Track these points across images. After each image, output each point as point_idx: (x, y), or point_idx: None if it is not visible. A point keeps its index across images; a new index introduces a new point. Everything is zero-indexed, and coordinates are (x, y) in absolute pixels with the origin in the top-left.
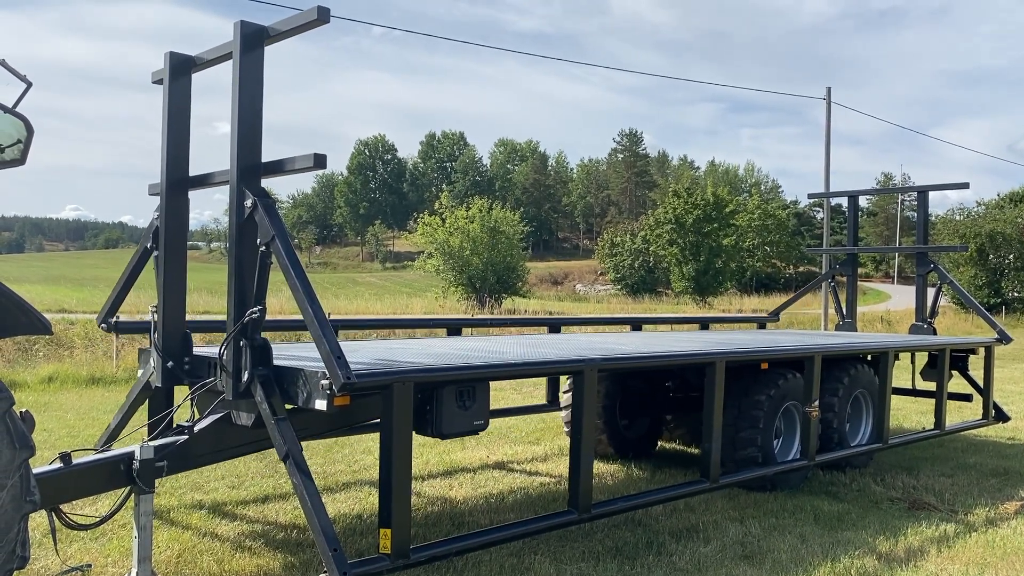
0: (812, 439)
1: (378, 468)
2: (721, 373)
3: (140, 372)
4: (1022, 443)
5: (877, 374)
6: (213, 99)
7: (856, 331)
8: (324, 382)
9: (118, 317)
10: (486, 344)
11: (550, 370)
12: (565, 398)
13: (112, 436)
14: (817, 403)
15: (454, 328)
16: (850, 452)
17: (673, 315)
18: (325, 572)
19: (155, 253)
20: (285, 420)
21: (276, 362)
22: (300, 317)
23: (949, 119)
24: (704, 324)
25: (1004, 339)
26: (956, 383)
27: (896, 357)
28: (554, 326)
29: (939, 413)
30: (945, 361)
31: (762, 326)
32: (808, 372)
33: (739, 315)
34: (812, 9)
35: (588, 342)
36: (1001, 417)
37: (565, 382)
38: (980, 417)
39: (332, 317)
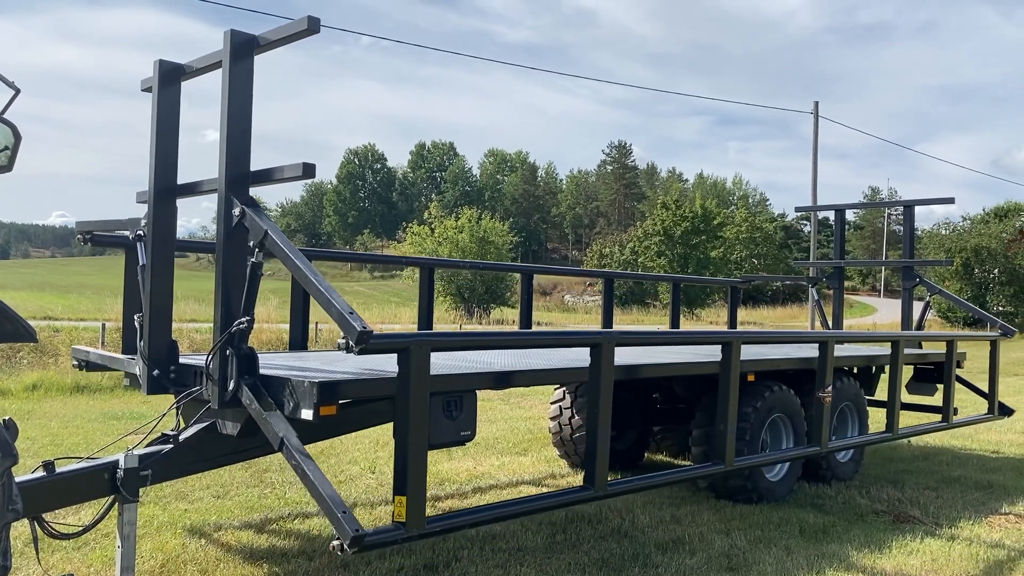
0: (825, 426)
1: (388, 448)
2: (738, 352)
3: (126, 381)
4: (1007, 456)
5: (863, 385)
6: (202, 107)
7: None
8: (313, 389)
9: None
10: (473, 354)
11: (568, 342)
12: (553, 408)
13: None
14: (830, 388)
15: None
16: (861, 440)
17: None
18: (337, 539)
19: (141, 262)
20: (275, 412)
21: (262, 371)
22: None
23: (935, 134)
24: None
25: (1007, 333)
26: (941, 396)
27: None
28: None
29: (947, 406)
30: (953, 352)
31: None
32: (822, 358)
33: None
34: (799, 23)
35: (576, 352)
36: (1005, 411)
37: (554, 392)
38: (986, 412)
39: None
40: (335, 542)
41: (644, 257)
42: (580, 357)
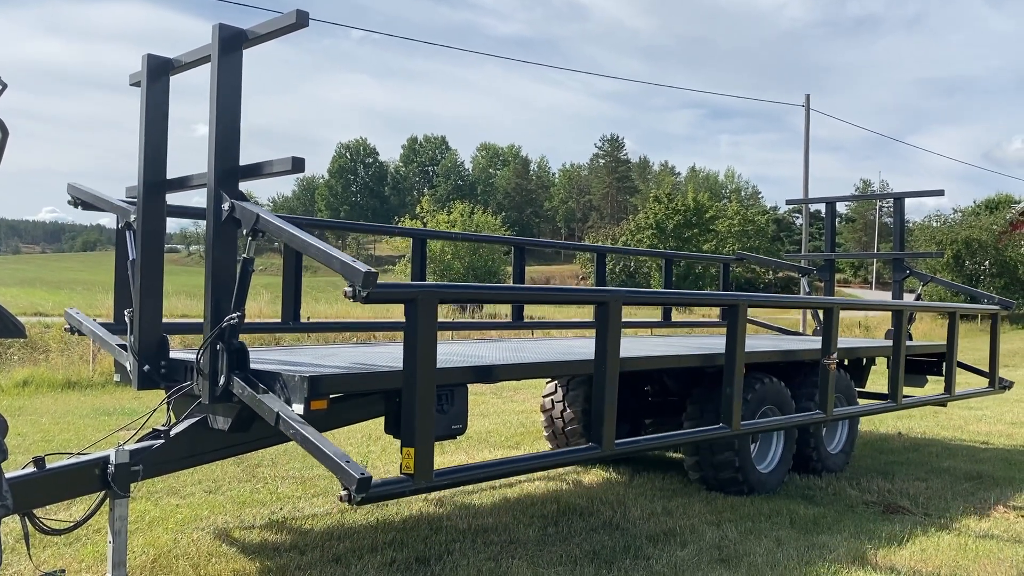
0: (830, 393)
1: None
2: (744, 315)
3: (117, 376)
4: (995, 447)
5: (853, 377)
6: (192, 101)
7: None
8: (303, 383)
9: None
10: (464, 348)
11: (575, 298)
12: (545, 402)
13: None
14: (835, 356)
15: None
16: (866, 410)
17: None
18: (344, 490)
19: (131, 257)
20: (268, 394)
21: (253, 366)
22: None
23: (926, 126)
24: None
25: (1007, 306)
26: (931, 387)
27: (911, 318)
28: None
29: (949, 378)
30: (955, 323)
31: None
32: (827, 321)
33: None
34: (790, 15)
35: (568, 346)
36: (1004, 385)
37: (545, 385)
38: (987, 386)
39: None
40: (342, 492)
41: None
42: (572, 350)
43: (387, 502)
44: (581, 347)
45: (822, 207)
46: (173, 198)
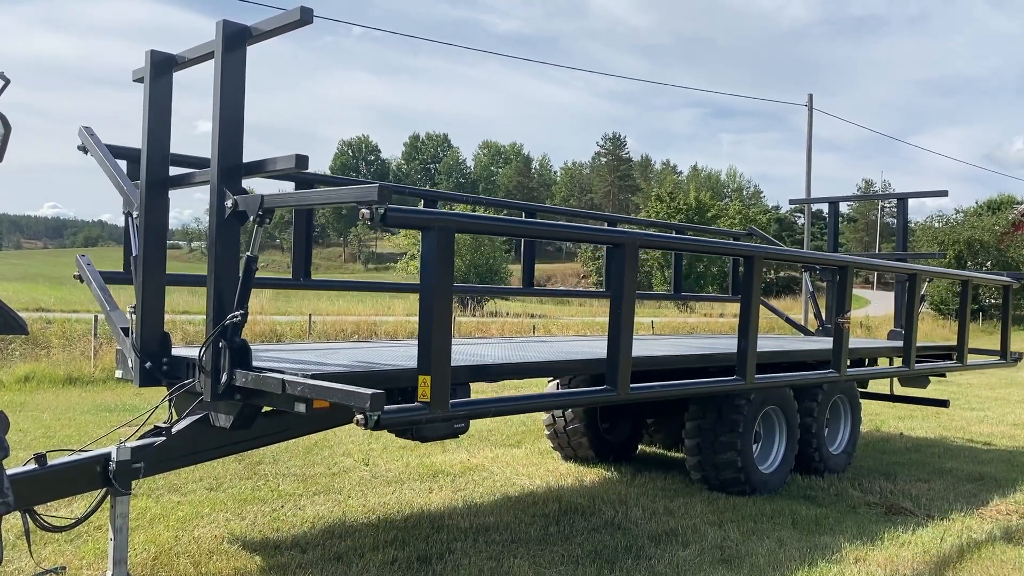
0: (844, 352)
1: (417, 324)
2: (760, 267)
3: (118, 373)
4: (998, 449)
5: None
6: (194, 97)
7: None
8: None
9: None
10: (466, 347)
11: (594, 238)
12: None
13: None
14: (849, 314)
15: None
16: (880, 371)
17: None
18: (359, 415)
19: (134, 254)
20: (272, 374)
21: (256, 364)
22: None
23: (928, 127)
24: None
25: (1018, 278)
26: (934, 388)
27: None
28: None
29: (961, 347)
30: (967, 292)
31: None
32: (841, 280)
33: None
34: (791, 14)
35: (569, 346)
36: (1015, 357)
37: (547, 384)
38: (999, 358)
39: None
40: (357, 417)
41: None
42: (574, 351)
43: (387, 502)
44: (582, 348)
45: (824, 207)
46: (174, 197)
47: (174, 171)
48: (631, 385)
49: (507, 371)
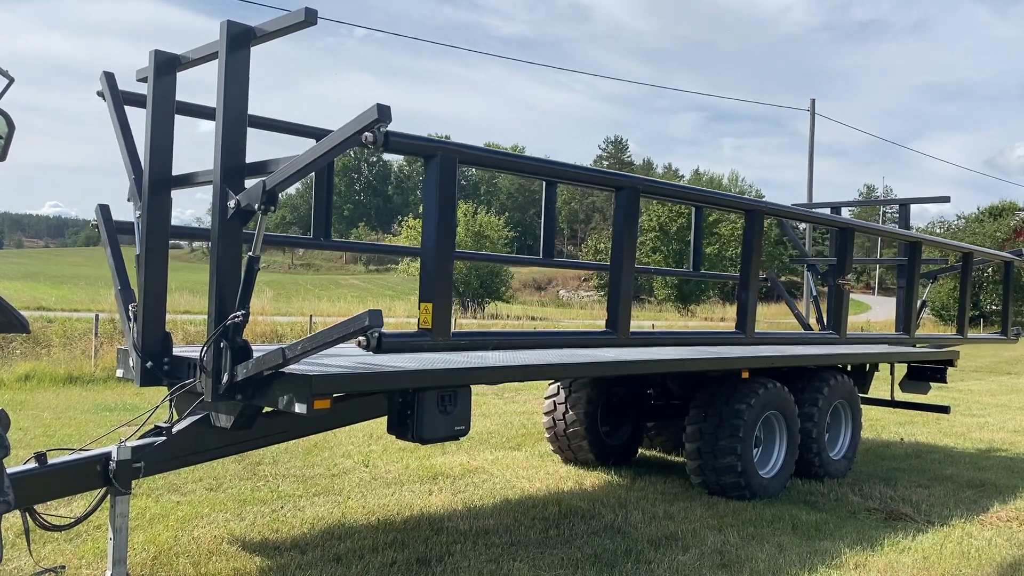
0: (844, 312)
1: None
2: (761, 222)
3: (119, 372)
4: (998, 455)
5: (857, 383)
6: (197, 96)
7: None
8: (307, 382)
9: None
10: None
11: (598, 179)
12: (547, 403)
13: None
14: (850, 277)
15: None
16: (881, 336)
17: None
18: (363, 336)
19: (136, 252)
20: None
21: None
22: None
23: (929, 132)
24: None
25: (1019, 254)
26: (934, 394)
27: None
28: None
29: (961, 320)
30: (969, 264)
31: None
32: (842, 244)
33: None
34: (794, 20)
35: (570, 349)
36: (1016, 333)
37: (547, 387)
38: (999, 333)
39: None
40: (360, 339)
41: (639, 253)
42: (574, 353)
43: (387, 504)
44: (583, 351)
45: (826, 212)
46: (177, 195)
47: (176, 171)
48: (631, 331)
49: (507, 374)
